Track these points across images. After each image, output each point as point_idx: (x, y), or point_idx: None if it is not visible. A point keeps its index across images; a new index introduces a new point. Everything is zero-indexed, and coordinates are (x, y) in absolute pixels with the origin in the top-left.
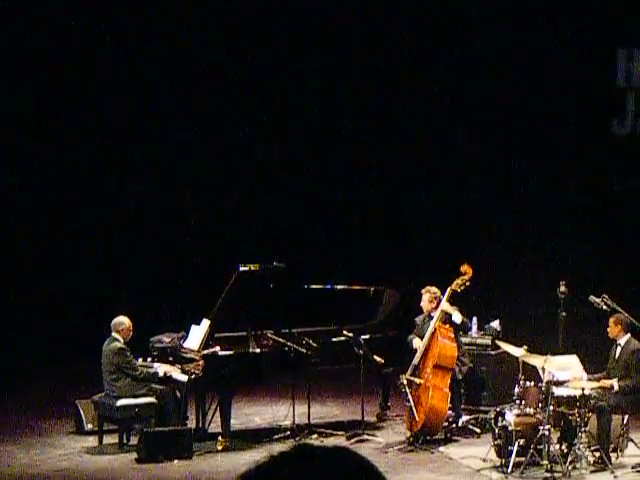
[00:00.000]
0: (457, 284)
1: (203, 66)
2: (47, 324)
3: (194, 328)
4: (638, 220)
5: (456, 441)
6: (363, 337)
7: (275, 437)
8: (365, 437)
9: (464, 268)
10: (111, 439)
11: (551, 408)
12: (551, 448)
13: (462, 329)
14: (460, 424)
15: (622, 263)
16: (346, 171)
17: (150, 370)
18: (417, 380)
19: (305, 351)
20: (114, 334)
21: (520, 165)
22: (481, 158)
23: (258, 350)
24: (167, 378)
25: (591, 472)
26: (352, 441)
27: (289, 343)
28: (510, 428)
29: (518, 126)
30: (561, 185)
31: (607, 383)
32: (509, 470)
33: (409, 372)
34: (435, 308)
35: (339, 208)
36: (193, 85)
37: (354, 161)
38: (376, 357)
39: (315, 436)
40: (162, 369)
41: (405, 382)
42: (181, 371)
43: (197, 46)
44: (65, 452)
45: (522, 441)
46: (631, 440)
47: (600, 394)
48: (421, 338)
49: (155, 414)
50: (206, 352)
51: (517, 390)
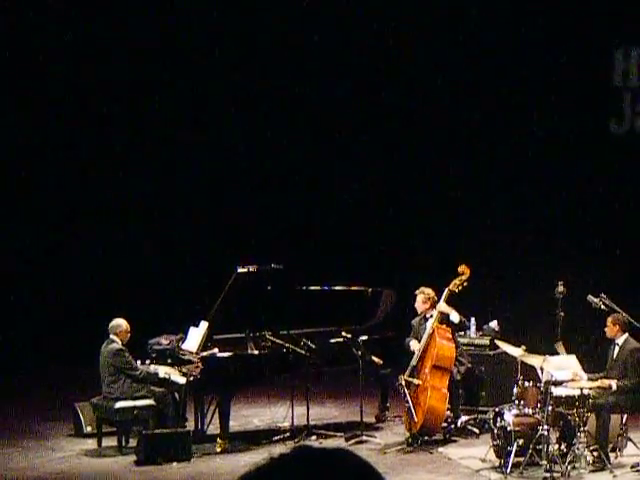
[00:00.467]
0: (454, 284)
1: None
2: (46, 326)
3: (192, 330)
4: (636, 219)
5: (455, 441)
6: (361, 338)
7: (274, 439)
8: (364, 438)
9: (461, 268)
10: (110, 441)
11: (550, 408)
12: (550, 448)
13: (460, 329)
14: (459, 424)
15: (620, 263)
16: (344, 172)
17: (150, 370)
18: (415, 381)
19: (303, 352)
20: (112, 336)
21: (517, 165)
22: (479, 157)
23: (256, 352)
24: (166, 380)
25: (590, 472)
26: (351, 442)
27: (287, 344)
28: (509, 428)
29: (517, 125)
30: (559, 184)
31: (606, 383)
32: (508, 470)
33: (407, 373)
34: (429, 309)
35: (337, 209)
36: (193, 84)
37: (352, 161)
38: (374, 358)
39: (314, 437)
40: (162, 370)
41: (404, 383)
42: (179, 373)
43: (198, 47)
44: (64, 455)
45: (521, 441)
46: (630, 439)
47: (599, 394)
48: (418, 340)
49: (154, 416)
50: (204, 354)
51: (516, 390)
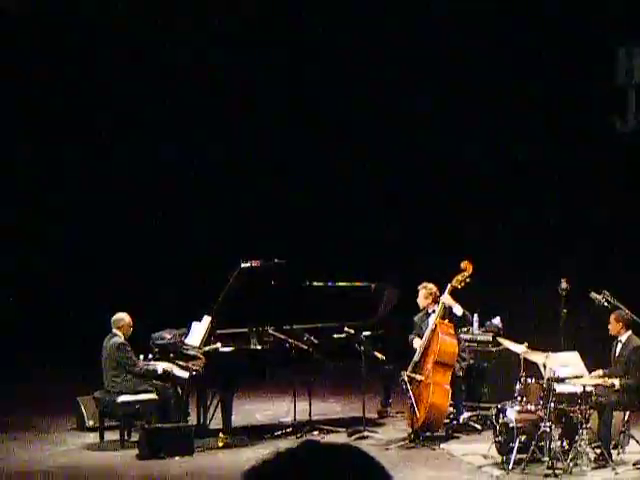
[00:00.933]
0: (457, 280)
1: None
2: (48, 320)
3: (195, 324)
4: None
5: (457, 438)
6: (364, 334)
7: (276, 434)
8: (366, 434)
9: (464, 264)
10: (112, 435)
11: (552, 405)
12: (552, 445)
13: (463, 322)
14: (461, 421)
15: (623, 259)
16: (347, 167)
17: (149, 367)
18: (418, 377)
19: (306, 348)
20: (114, 330)
21: (520, 163)
22: (481, 154)
23: (259, 347)
24: (168, 375)
25: (592, 469)
26: (353, 438)
27: (290, 340)
28: (511, 425)
29: (519, 123)
30: (562, 182)
31: (608, 382)
32: (510, 467)
33: (410, 369)
34: (431, 304)
35: (340, 205)
36: (192, 84)
37: (355, 157)
38: (377, 354)
39: (316, 433)
40: (161, 367)
41: (406, 379)
42: (182, 368)
43: (198, 46)
44: (66, 449)
45: (523, 438)
46: (632, 437)
47: (601, 391)
48: (420, 337)
49: (156, 410)
50: (207, 349)
51: (518, 387)
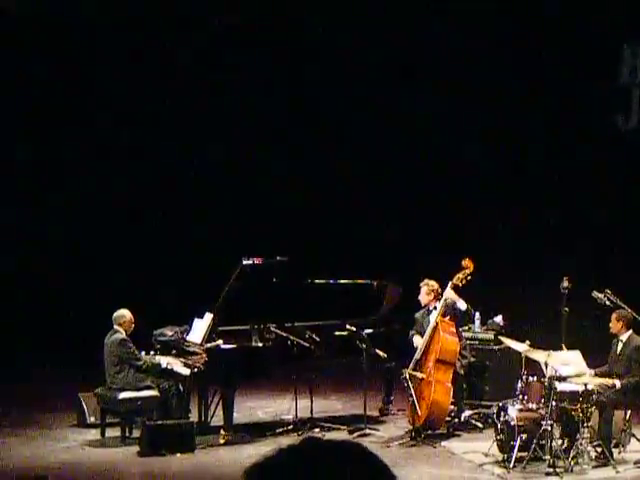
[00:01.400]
0: (458, 278)
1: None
2: (49, 317)
3: (197, 321)
4: None
5: (458, 436)
6: (366, 331)
7: (277, 431)
8: (367, 431)
9: (465, 262)
10: (113, 432)
11: (554, 403)
12: (553, 443)
13: (467, 318)
14: (462, 419)
15: (624, 259)
16: (348, 166)
17: (154, 361)
18: (419, 375)
19: (308, 345)
20: (116, 327)
21: (522, 161)
22: (481, 154)
23: (261, 344)
24: (170, 371)
25: (593, 467)
26: (354, 435)
27: (292, 337)
28: (512, 423)
29: (521, 122)
30: (562, 182)
31: (609, 382)
32: (511, 465)
33: (411, 367)
34: (433, 301)
35: (342, 202)
36: (192, 84)
37: (355, 156)
38: (379, 351)
39: (317, 430)
40: (165, 360)
41: (407, 376)
42: (184, 364)
43: (198, 46)
44: (67, 445)
45: (524, 436)
46: (633, 435)
47: (603, 389)
48: (421, 334)
49: (158, 407)
50: (209, 346)
51: (520, 385)
